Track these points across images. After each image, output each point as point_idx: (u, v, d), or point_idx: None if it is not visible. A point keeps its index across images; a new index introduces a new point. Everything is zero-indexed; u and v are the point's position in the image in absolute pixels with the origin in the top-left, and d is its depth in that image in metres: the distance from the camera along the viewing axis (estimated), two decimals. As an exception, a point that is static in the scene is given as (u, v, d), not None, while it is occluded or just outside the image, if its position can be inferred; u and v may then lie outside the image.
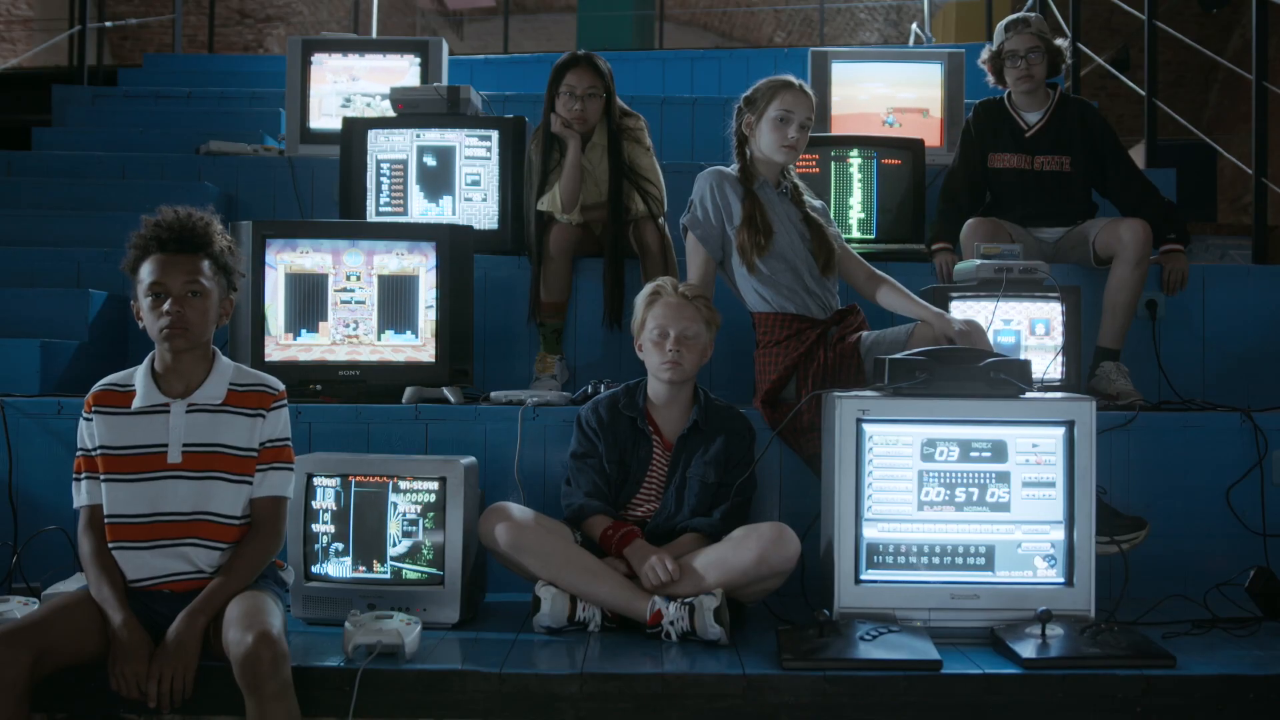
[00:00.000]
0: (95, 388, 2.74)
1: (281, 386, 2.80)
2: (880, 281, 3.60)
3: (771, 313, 3.53)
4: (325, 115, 5.49)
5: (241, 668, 2.39)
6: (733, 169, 3.62)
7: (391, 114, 4.63)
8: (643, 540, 3.03)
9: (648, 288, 3.29)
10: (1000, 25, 4.35)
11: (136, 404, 2.69)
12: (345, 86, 5.55)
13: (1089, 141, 4.27)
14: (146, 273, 2.65)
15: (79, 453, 2.71)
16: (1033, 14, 4.37)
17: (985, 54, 4.36)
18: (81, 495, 2.70)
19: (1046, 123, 4.28)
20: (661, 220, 4.21)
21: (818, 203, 3.74)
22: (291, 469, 2.80)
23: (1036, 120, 4.29)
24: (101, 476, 2.67)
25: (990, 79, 4.38)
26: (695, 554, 2.98)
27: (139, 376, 2.72)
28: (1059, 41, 4.28)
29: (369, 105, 5.45)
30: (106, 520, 2.65)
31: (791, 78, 3.59)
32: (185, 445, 2.66)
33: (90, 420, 2.69)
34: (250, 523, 2.72)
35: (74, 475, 2.72)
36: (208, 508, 2.66)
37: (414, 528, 2.99)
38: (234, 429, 2.70)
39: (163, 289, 2.63)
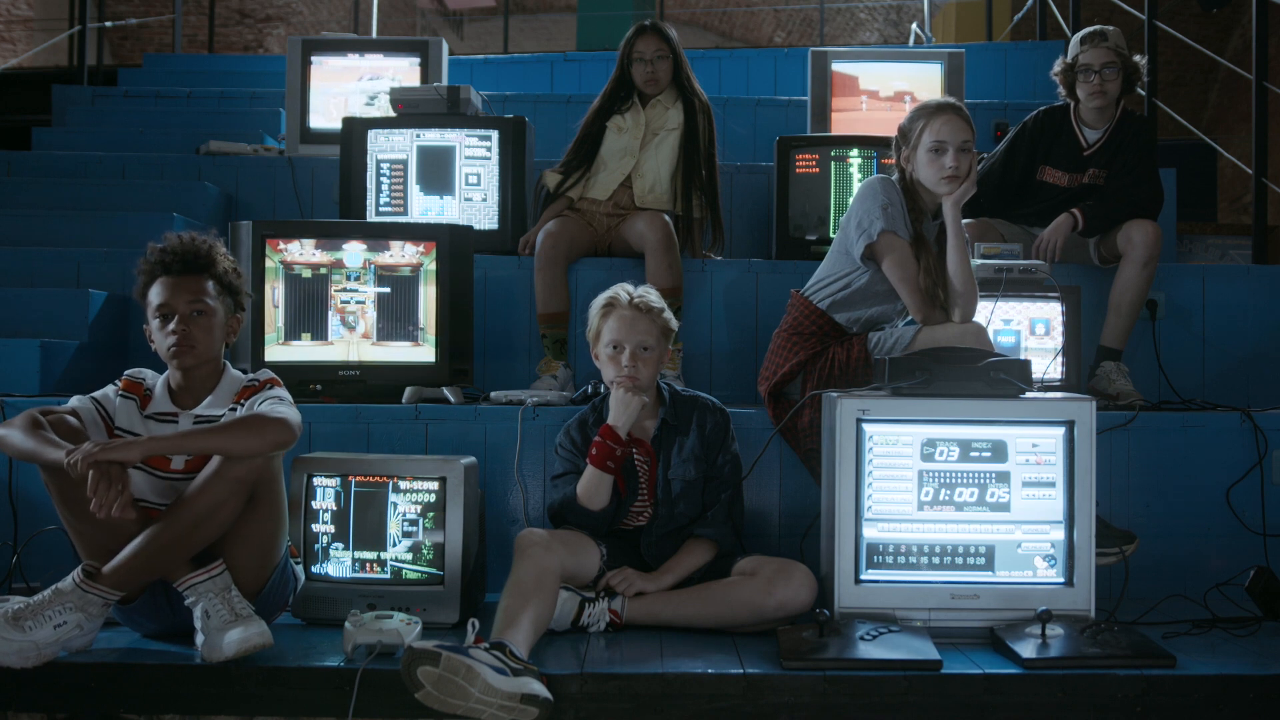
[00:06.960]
0: (128, 373, 2.86)
1: (267, 376, 2.86)
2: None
3: (823, 311, 3.41)
4: (324, 114, 5.49)
5: None
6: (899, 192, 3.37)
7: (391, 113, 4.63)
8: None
9: (602, 297, 3.18)
10: (1076, 37, 4.13)
11: (149, 410, 2.81)
12: (351, 86, 5.55)
13: (1132, 158, 4.09)
14: (154, 295, 2.79)
15: (96, 393, 2.81)
16: (1110, 27, 4.12)
17: (1058, 65, 4.13)
18: (70, 402, 2.77)
19: (1105, 142, 4.10)
20: (666, 215, 4.21)
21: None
22: (280, 403, 2.75)
23: (1096, 139, 4.10)
24: None
25: (1061, 91, 4.15)
26: (690, 595, 2.99)
27: (157, 387, 2.85)
28: (1136, 58, 4.06)
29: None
30: None
31: (943, 99, 3.38)
32: (188, 456, 2.75)
33: (116, 397, 2.81)
34: None
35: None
36: None
37: (414, 528, 2.99)
38: None
39: (169, 309, 2.76)
